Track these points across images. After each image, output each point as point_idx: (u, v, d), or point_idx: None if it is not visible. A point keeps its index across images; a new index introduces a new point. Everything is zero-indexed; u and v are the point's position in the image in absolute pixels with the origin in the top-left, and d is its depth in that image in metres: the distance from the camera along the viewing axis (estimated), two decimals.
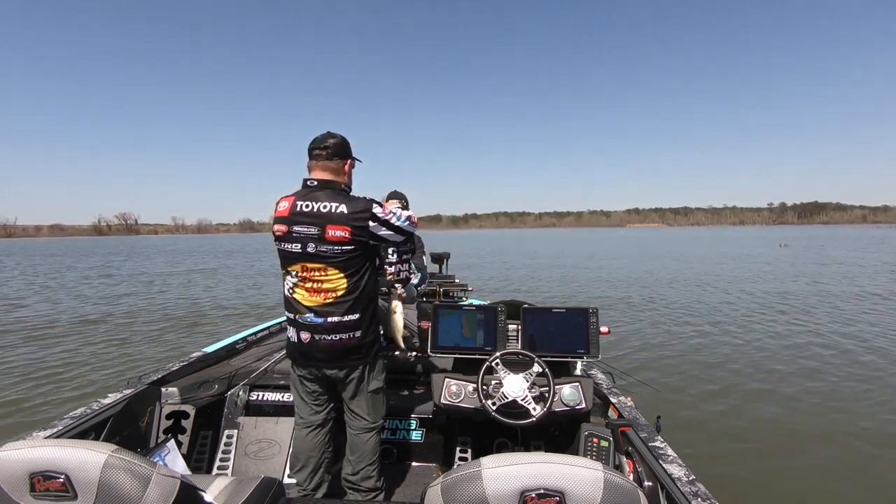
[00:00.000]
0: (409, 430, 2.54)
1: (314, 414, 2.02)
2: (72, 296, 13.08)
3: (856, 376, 5.27)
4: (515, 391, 2.02)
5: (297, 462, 2.02)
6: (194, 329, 8.57)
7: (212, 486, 1.60)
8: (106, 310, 10.58)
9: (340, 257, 1.80)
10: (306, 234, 1.80)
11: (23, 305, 11.43)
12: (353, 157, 1.97)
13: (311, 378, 1.96)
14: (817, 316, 8.63)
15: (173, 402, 2.37)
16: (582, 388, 2.14)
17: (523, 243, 49.90)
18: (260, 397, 2.60)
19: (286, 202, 1.86)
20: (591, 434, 2.05)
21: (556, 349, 2.25)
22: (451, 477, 0.97)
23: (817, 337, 7.07)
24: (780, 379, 5.23)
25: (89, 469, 1.01)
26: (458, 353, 2.34)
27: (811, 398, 4.67)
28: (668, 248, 35.98)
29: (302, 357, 1.91)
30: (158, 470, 1.07)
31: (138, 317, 9.64)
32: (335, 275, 1.81)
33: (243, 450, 2.46)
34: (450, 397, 2.19)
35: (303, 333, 1.86)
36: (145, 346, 7.24)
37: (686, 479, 1.49)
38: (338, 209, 1.79)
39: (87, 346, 7.13)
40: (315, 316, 1.83)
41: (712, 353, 6.31)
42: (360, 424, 1.99)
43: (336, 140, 1.89)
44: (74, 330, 8.35)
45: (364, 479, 1.99)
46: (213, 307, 10.97)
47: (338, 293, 1.82)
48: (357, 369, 1.92)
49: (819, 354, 6.14)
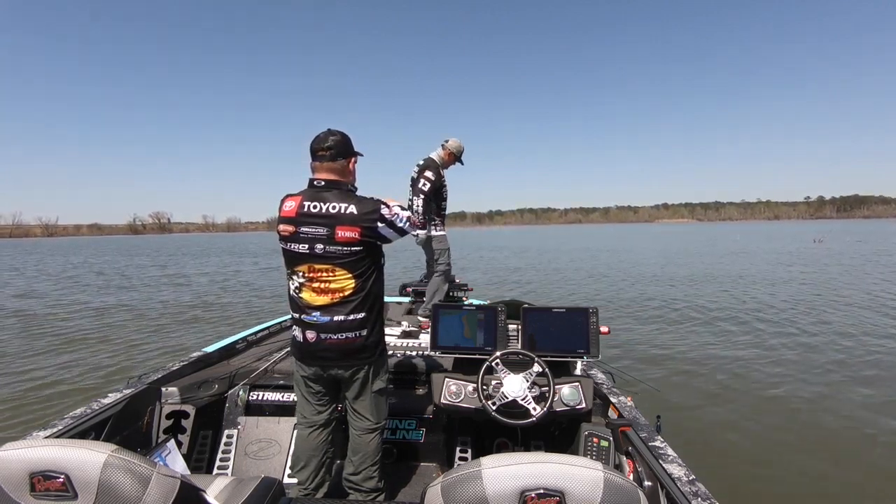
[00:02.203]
0: (409, 430, 2.54)
1: (317, 414, 2.02)
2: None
3: (858, 378, 5.27)
4: (515, 391, 2.02)
5: (299, 462, 2.02)
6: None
7: (212, 485, 1.60)
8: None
9: (349, 258, 1.80)
10: (314, 235, 1.79)
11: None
12: (355, 153, 1.95)
13: (315, 378, 1.95)
14: (828, 316, 8.55)
15: (173, 402, 2.37)
16: (582, 387, 2.14)
17: (546, 241, 48.63)
18: (260, 397, 2.60)
19: (292, 202, 1.84)
20: (591, 434, 2.05)
21: (556, 349, 2.25)
22: (451, 477, 0.97)
23: (821, 337, 7.07)
24: (783, 379, 5.23)
25: (89, 469, 1.01)
26: (458, 352, 2.35)
27: (811, 398, 4.67)
28: (683, 244, 35.43)
29: (307, 356, 1.91)
30: (158, 470, 1.07)
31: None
32: (343, 275, 1.81)
33: (243, 450, 2.46)
34: (450, 397, 2.19)
35: (308, 333, 1.85)
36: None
37: (686, 479, 1.49)
38: (347, 210, 1.78)
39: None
40: (321, 315, 1.83)
41: (713, 353, 6.31)
42: (364, 425, 1.99)
43: (337, 139, 1.86)
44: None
45: (366, 479, 1.99)
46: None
47: (345, 293, 1.82)
48: (362, 369, 1.91)
49: (827, 353, 6.14)
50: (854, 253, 22.59)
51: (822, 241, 33.64)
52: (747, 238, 39.52)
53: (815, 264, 18.17)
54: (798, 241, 33.86)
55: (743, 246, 26.90)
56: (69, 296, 12.96)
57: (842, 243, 30.63)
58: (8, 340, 7.59)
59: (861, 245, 28.67)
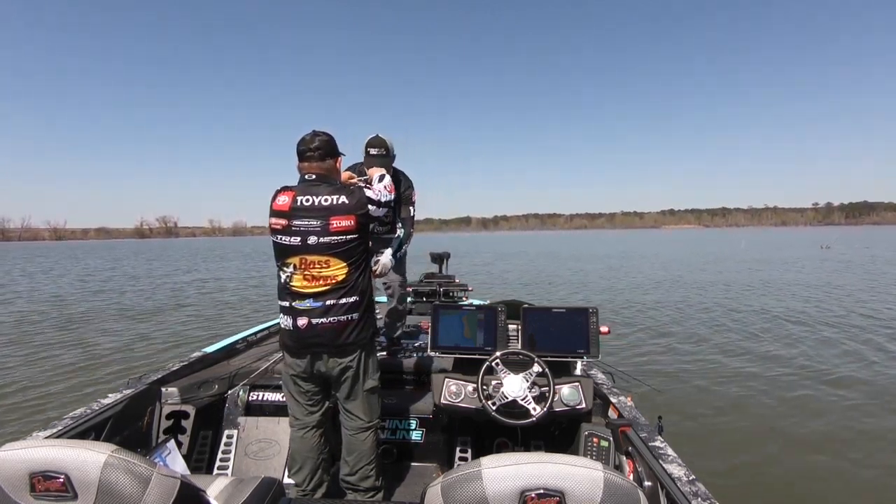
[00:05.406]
0: (408, 430, 2.54)
1: (308, 415, 2.01)
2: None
3: (859, 378, 5.27)
4: (515, 391, 2.02)
5: (295, 463, 2.02)
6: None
7: (212, 486, 1.60)
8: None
9: (343, 247, 1.84)
10: (307, 228, 1.81)
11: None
12: (340, 154, 1.99)
13: (304, 377, 1.95)
14: (826, 319, 8.57)
15: (173, 402, 2.36)
16: (582, 387, 2.14)
17: (549, 246, 48.34)
18: (260, 397, 2.60)
19: (286, 196, 1.87)
20: (591, 434, 2.05)
21: (556, 349, 2.25)
22: (451, 477, 0.96)
23: (823, 338, 7.07)
24: (785, 380, 5.24)
25: (89, 469, 1.01)
26: (458, 353, 2.34)
27: (812, 398, 4.67)
28: (685, 248, 35.37)
29: (298, 345, 1.89)
30: (158, 470, 1.07)
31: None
32: (337, 264, 1.84)
33: (243, 450, 2.46)
34: (450, 397, 2.19)
35: (300, 319, 1.85)
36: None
37: (686, 479, 1.49)
38: (339, 200, 1.83)
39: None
40: (314, 301, 1.84)
41: (713, 354, 6.31)
42: (357, 424, 1.99)
43: (324, 139, 1.90)
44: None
45: (363, 478, 1.99)
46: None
47: (338, 278, 1.85)
48: (353, 363, 1.91)
49: (826, 356, 6.14)
50: (863, 259, 22.44)
51: (829, 247, 33.64)
52: (754, 245, 39.42)
53: (820, 269, 18.17)
54: (805, 248, 33.72)
55: (749, 253, 26.79)
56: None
57: (850, 249, 30.60)
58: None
59: (868, 251, 28.56)
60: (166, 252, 47.10)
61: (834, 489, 3.15)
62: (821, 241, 41.10)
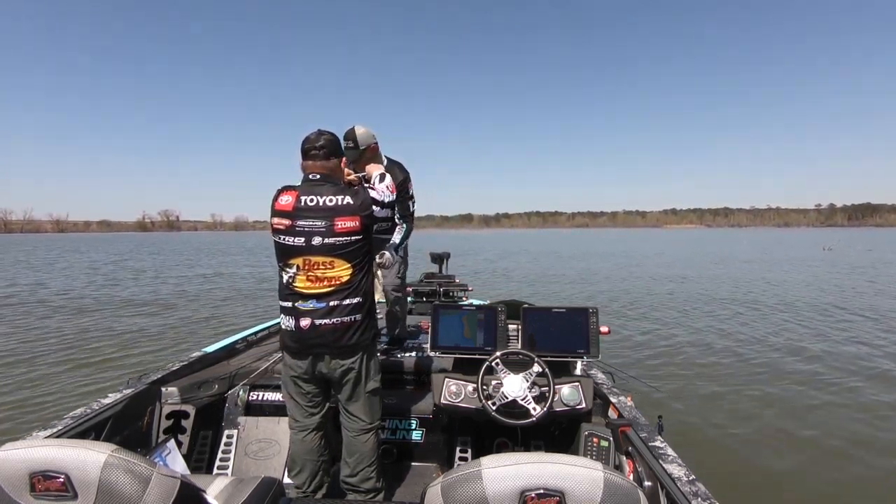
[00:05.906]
0: (409, 430, 2.53)
1: (308, 416, 1.99)
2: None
3: (858, 378, 5.26)
4: (515, 391, 2.02)
5: (295, 466, 2.01)
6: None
7: (212, 485, 1.60)
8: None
9: (348, 248, 1.82)
10: (311, 228, 1.80)
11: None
12: (342, 154, 1.99)
13: (305, 378, 1.93)
14: (825, 320, 8.58)
15: (173, 402, 2.36)
16: (582, 387, 2.14)
17: (550, 245, 47.80)
18: (260, 397, 2.60)
19: (289, 196, 1.85)
20: (591, 434, 2.05)
21: (556, 349, 2.25)
22: (451, 477, 0.96)
23: (823, 340, 7.06)
24: (786, 381, 5.23)
25: (89, 469, 1.01)
26: (458, 352, 2.34)
27: (811, 399, 4.67)
28: (684, 248, 35.22)
29: (300, 346, 1.87)
30: (158, 470, 1.07)
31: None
32: (341, 266, 1.83)
33: (243, 450, 2.46)
34: (450, 397, 2.19)
35: (303, 320, 1.83)
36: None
37: (686, 479, 1.49)
38: (344, 201, 1.82)
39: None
40: (318, 301, 1.83)
41: (713, 354, 6.31)
42: (358, 426, 1.98)
43: (329, 138, 1.89)
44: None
45: (364, 480, 1.98)
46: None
47: (342, 279, 1.84)
48: (354, 365, 1.90)
49: (822, 357, 6.13)
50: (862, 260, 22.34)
51: (831, 248, 33.48)
52: (755, 245, 39.32)
53: (820, 269, 18.12)
54: (808, 249, 33.51)
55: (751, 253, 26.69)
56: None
57: (852, 251, 30.43)
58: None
59: (869, 253, 28.39)
60: (168, 245, 47.14)
61: (836, 489, 3.15)
62: (823, 243, 41.04)
